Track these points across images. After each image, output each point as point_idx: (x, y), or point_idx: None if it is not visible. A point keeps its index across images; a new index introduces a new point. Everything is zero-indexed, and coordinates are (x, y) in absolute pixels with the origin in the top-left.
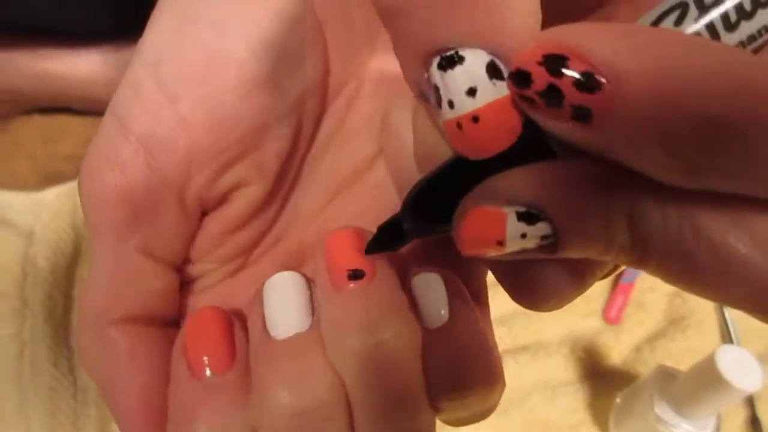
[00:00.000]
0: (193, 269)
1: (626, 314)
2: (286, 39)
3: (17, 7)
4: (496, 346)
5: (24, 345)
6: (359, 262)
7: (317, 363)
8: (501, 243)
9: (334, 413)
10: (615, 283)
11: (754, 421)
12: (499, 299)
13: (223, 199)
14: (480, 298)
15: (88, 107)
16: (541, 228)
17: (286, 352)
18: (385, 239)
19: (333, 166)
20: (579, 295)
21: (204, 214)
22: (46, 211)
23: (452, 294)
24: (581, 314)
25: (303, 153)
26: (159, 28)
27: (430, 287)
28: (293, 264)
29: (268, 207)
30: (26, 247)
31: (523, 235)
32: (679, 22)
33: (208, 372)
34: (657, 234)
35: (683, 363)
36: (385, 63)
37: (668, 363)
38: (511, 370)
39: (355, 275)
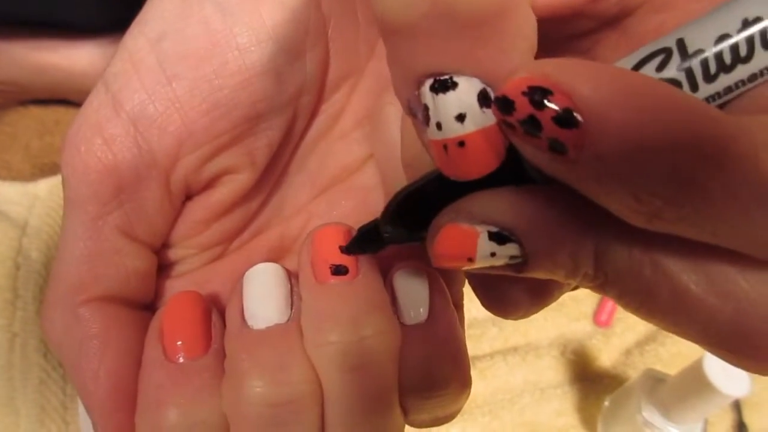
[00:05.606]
0: (172, 253)
1: (616, 318)
2: (290, 31)
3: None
4: (467, 350)
5: (15, 336)
6: (343, 257)
7: (294, 355)
8: (471, 259)
9: (306, 407)
10: None
11: (740, 426)
12: None
13: (209, 185)
14: (456, 301)
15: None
16: (511, 249)
17: (263, 342)
18: (364, 242)
19: (322, 163)
20: (541, 309)
21: (188, 197)
22: (39, 202)
23: (434, 292)
24: (572, 317)
25: (294, 146)
26: (164, 1)
27: (413, 284)
28: (273, 257)
29: (253, 197)
30: (19, 238)
31: (493, 254)
32: (661, 67)
33: (182, 357)
34: (620, 268)
35: (672, 367)
36: (384, 65)
37: (657, 367)
38: (501, 372)
39: (338, 270)
